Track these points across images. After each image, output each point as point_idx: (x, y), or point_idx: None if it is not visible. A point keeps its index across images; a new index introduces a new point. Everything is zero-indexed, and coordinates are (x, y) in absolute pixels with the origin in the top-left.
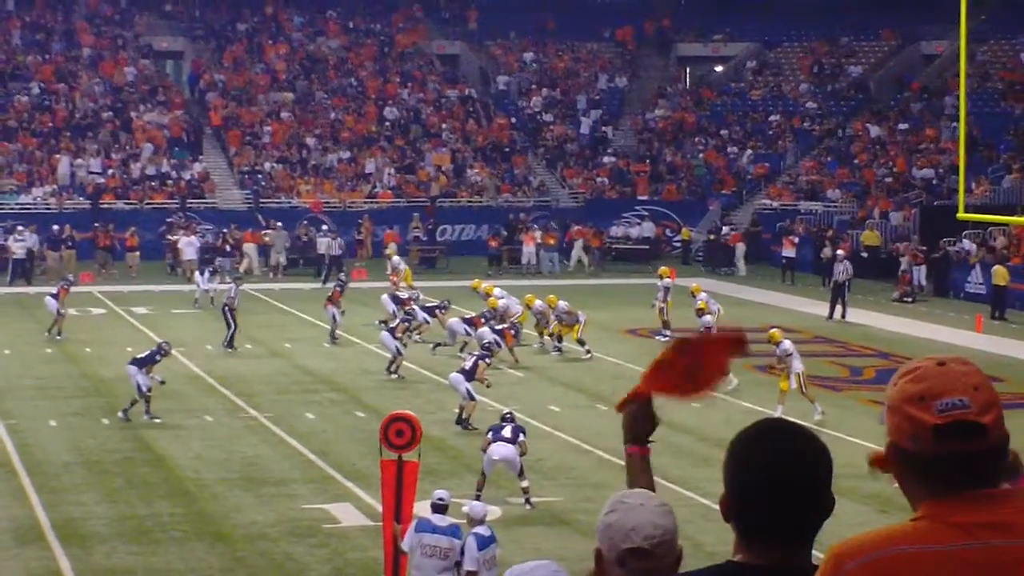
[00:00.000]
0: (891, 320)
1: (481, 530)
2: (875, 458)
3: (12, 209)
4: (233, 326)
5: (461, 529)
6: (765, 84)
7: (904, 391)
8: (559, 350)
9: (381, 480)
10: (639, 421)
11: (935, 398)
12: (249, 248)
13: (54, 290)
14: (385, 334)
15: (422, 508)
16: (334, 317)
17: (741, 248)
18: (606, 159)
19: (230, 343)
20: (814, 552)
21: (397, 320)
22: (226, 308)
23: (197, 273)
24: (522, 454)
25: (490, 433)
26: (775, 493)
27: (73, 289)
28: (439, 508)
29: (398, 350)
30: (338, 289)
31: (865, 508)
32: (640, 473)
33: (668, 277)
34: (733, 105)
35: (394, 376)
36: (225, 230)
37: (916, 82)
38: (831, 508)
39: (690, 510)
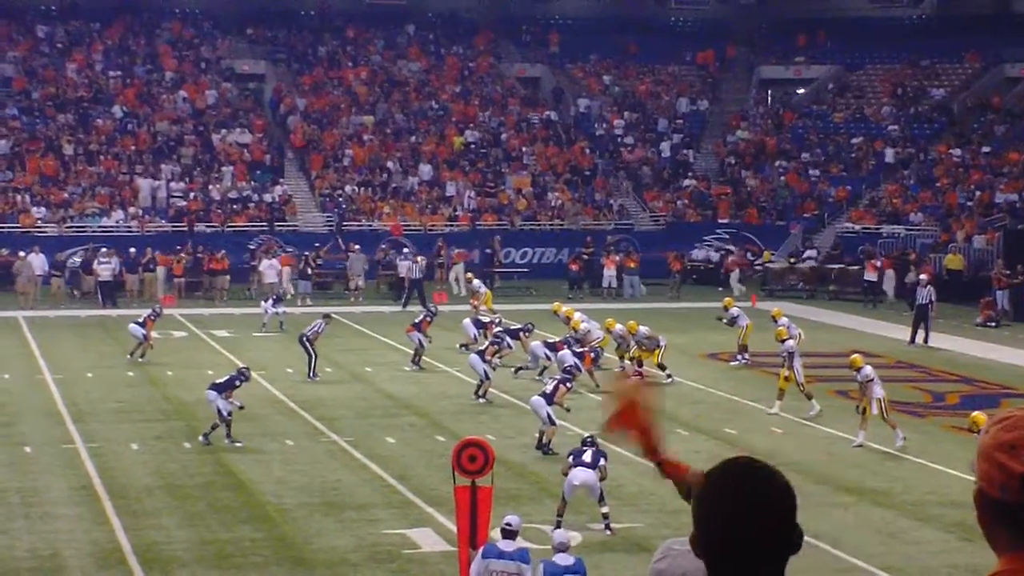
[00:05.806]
0: (974, 345)
1: (559, 559)
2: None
3: (95, 232)
4: (313, 355)
5: (530, 553)
6: (847, 107)
7: (996, 438)
8: (640, 375)
9: (456, 506)
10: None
11: None
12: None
13: (140, 318)
14: (474, 357)
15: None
16: (420, 342)
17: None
18: (687, 182)
19: (313, 373)
20: None
21: (486, 343)
22: (304, 338)
23: (263, 300)
24: (602, 479)
25: (571, 457)
26: (735, 533)
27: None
28: (508, 533)
29: (486, 374)
30: (427, 319)
31: (949, 536)
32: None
33: (733, 307)
34: (815, 128)
35: (481, 400)
36: (307, 252)
37: (998, 102)
38: (797, 545)
39: None
